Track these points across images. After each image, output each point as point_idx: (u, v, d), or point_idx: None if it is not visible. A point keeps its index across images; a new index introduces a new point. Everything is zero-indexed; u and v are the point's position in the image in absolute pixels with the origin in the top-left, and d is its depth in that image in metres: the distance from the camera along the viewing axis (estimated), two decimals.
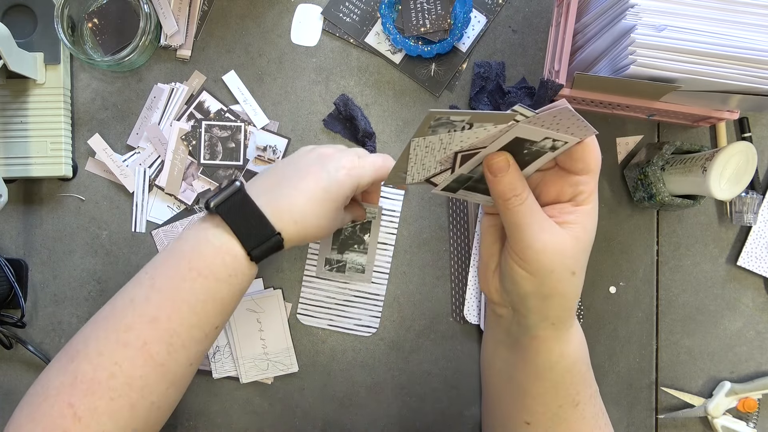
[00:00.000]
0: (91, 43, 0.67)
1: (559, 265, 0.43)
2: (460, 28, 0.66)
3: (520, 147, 0.45)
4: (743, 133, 0.68)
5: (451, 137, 0.43)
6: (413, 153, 0.45)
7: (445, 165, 0.47)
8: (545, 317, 0.46)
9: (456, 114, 0.40)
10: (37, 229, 0.68)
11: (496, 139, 0.44)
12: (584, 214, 0.45)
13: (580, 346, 0.49)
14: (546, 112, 0.41)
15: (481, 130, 0.42)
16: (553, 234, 0.43)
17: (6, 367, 0.68)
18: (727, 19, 0.51)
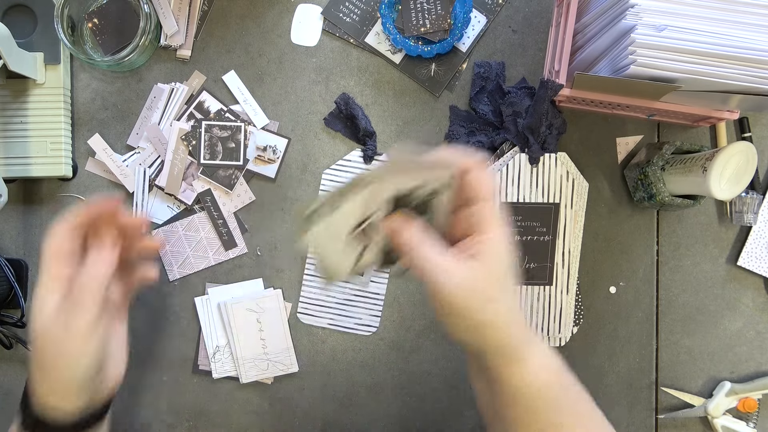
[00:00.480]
0: (91, 43, 0.67)
1: (472, 300, 0.43)
2: (460, 28, 0.66)
3: (407, 200, 0.46)
4: (743, 133, 0.68)
5: (336, 220, 0.45)
6: (317, 250, 0.46)
7: (359, 245, 0.47)
8: (485, 349, 0.45)
9: (317, 202, 0.44)
10: (37, 229, 0.68)
11: (376, 202, 0.45)
12: (488, 242, 0.44)
13: (544, 371, 0.46)
14: (381, 164, 0.41)
15: (351, 203, 0.45)
16: (455, 274, 0.43)
17: (6, 367, 0.68)
18: (727, 19, 0.51)
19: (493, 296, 0.43)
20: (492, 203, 0.45)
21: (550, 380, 0.46)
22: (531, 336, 0.46)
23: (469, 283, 0.43)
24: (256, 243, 0.68)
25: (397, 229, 0.45)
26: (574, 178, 0.64)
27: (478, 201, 0.45)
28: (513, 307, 0.44)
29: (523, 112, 0.64)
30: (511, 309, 0.44)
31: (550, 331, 0.65)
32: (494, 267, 0.44)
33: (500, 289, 0.43)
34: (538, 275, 0.65)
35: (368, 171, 0.45)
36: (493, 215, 0.45)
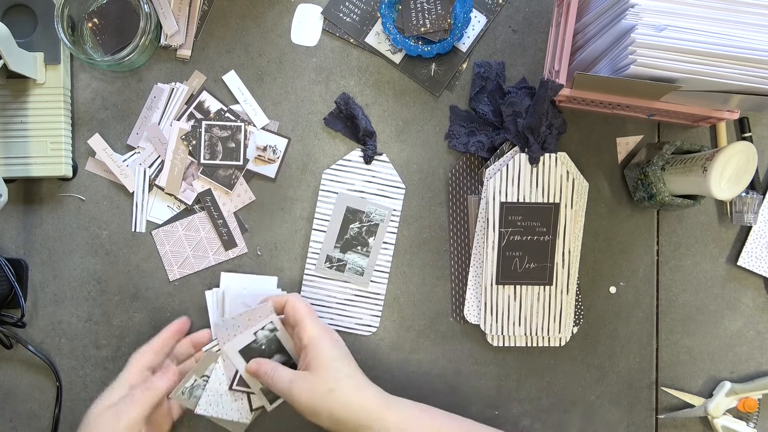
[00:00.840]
0: (91, 43, 0.67)
1: (316, 396, 0.55)
2: (460, 28, 0.66)
3: (256, 348, 0.62)
4: (743, 133, 0.68)
5: (212, 387, 0.62)
6: (214, 416, 0.62)
7: (242, 394, 0.63)
8: (350, 428, 0.55)
9: (190, 379, 0.61)
10: (37, 229, 0.68)
11: (233, 362, 0.62)
12: (311, 350, 0.57)
13: (403, 424, 0.55)
14: (212, 343, 0.63)
15: (214, 372, 0.62)
16: (300, 384, 0.56)
17: (6, 367, 0.68)
18: (727, 19, 0.51)
19: (332, 387, 0.55)
20: (307, 320, 0.59)
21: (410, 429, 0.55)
22: (386, 399, 0.56)
23: (310, 385, 0.55)
24: (256, 243, 0.68)
25: (253, 372, 0.60)
26: (574, 178, 0.64)
27: (297, 322, 0.59)
28: (357, 385, 0.56)
29: (523, 112, 0.64)
30: (356, 387, 0.56)
31: (550, 331, 0.66)
32: (323, 366, 0.56)
33: (335, 379, 0.55)
34: (538, 275, 0.65)
35: (214, 344, 0.63)
36: (310, 329, 0.58)
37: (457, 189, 0.68)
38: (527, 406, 0.68)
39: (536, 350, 0.68)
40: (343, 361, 0.58)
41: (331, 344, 0.58)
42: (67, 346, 0.68)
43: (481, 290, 0.66)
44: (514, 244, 0.65)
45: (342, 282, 0.67)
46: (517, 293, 0.65)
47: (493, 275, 0.65)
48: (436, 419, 0.57)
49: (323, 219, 0.67)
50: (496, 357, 0.68)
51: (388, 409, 0.55)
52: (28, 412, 0.68)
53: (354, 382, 0.57)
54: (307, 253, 0.68)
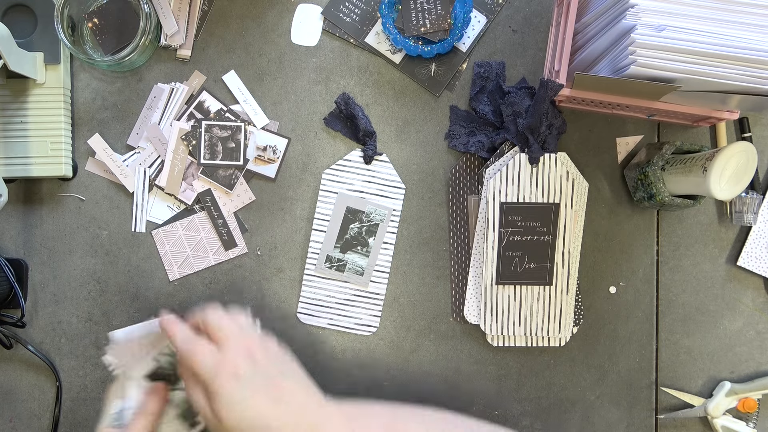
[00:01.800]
0: (91, 43, 0.67)
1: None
2: (460, 28, 0.66)
3: (162, 374, 0.57)
4: (743, 133, 0.68)
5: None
6: None
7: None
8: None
9: (113, 407, 0.55)
10: (37, 229, 0.68)
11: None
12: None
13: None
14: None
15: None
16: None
17: (6, 367, 0.68)
18: (727, 19, 0.51)
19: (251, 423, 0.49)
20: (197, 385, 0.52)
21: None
22: (321, 406, 0.51)
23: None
24: (256, 243, 0.68)
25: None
26: (574, 178, 0.64)
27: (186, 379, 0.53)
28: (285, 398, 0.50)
29: (523, 112, 0.64)
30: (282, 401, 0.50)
31: (550, 331, 0.66)
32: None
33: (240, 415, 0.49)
34: (538, 275, 0.65)
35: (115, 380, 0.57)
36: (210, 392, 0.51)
37: (457, 189, 0.68)
38: (527, 406, 0.68)
39: (536, 350, 0.68)
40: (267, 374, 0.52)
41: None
42: (67, 346, 0.68)
43: (481, 290, 0.66)
44: (514, 244, 0.65)
45: (342, 282, 0.67)
46: (517, 293, 0.65)
47: (493, 275, 0.65)
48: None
49: (323, 219, 0.67)
50: (496, 357, 0.68)
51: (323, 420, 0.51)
52: (28, 412, 0.68)
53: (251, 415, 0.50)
54: (307, 253, 0.68)
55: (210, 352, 0.51)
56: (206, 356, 0.51)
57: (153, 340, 0.57)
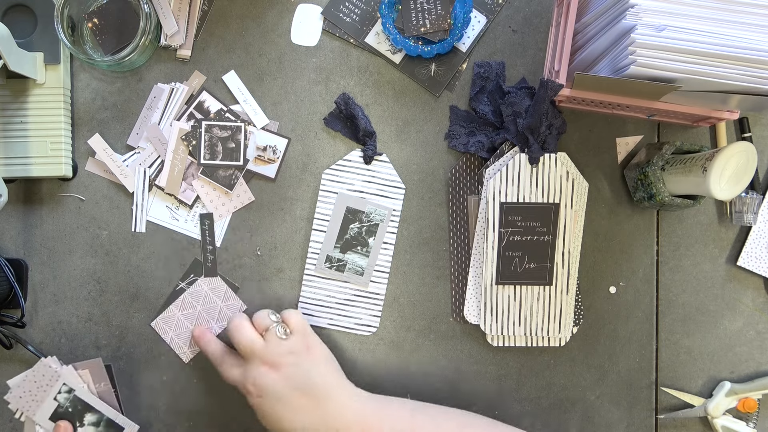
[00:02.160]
0: (91, 43, 0.67)
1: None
2: (460, 28, 0.66)
3: (64, 413, 0.63)
4: (743, 133, 0.68)
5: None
6: None
7: None
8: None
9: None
10: (37, 229, 0.68)
11: None
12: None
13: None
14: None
15: None
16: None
17: (6, 367, 0.68)
18: (727, 19, 0.51)
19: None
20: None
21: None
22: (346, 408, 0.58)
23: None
24: (256, 243, 0.68)
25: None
26: (574, 178, 0.64)
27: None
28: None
29: (523, 112, 0.64)
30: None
31: (550, 331, 0.66)
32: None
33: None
34: (538, 275, 0.65)
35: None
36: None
37: (457, 189, 0.68)
38: (527, 406, 0.68)
39: (536, 350, 0.68)
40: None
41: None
42: (67, 346, 0.68)
43: (481, 290, 0.66)
44: (514, 244, 0.65)
45: (342, 282, 0.67)
46: (517, 293, 0.65)
47: (493, 275, 0.65)
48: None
49: (323, 219, 0.67)
50: (496, 357, 0.68)
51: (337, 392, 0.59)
52: None
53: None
54: (306, 253, 0.68)
55: (237, 370, 0.60)
56: (234, 375, 0.60)
57: (48, 382, 0.62)
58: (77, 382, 0.64)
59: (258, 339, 0.60)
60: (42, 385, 0.62)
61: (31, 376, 0.63)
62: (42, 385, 0.62)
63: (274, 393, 0.57)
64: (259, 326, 0.61)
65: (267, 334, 0.60)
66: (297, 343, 0.60)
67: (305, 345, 0.60)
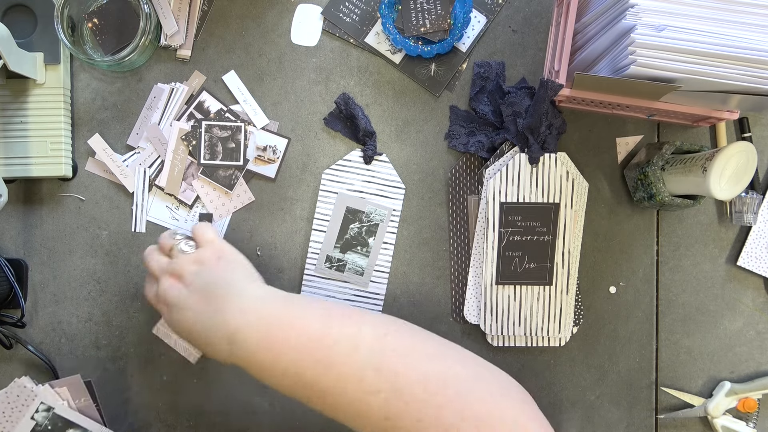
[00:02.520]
0: (91, 43, 0.67)
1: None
2: (460, 28, 0.66)
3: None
4: (743, 133, 0.68)
5: None
6: None
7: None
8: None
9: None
10: (37, 229, 0.68)
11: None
12: None
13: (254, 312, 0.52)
14: None
15: None
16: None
17: (6, 367, 0.68)
18: (727, 19, 0.51)
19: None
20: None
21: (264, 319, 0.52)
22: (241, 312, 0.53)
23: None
24: (256, 243, 0.68)
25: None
26: (574, 178, 0.64)
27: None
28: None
29: (523, 112, 0.64)
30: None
31: (550, 331, 0.66)
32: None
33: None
34: (538, 275, 0.65)
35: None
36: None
37: (457, 189, 0.68)
38: None
39: (536, 350, 0.68)
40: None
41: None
42: (67, 346, 0.68)
43: (480, 290, 0.66)
44: (514, 244, 0.65)
45: (342, 282, 0.67)
46: (516, 293, 0.65)
47: (493, 275, 0.65)
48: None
49: (323, 219, 0.67)
50: (496, 357, 0.68)
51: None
52: None
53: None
54: (306, 253, 0.68)
55: (150, 289, 0.58)
56: (149, 294, 0.59)
57: (23, 402, 0.61)
58: (55, 399, 0.63)
59: (164, 258, 0.58)
60: (17, 405, 0.62)
61: (3, 396, 0.62)
62: (17, 405, 0.62)
63: (178, 301, 0.54)
64: (164, 247, 0.59)
65: (172, 252, 0.58)
66: (204, 253, 0.57)
67: (214, 254, 0.56)
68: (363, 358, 0.48)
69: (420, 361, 0.49)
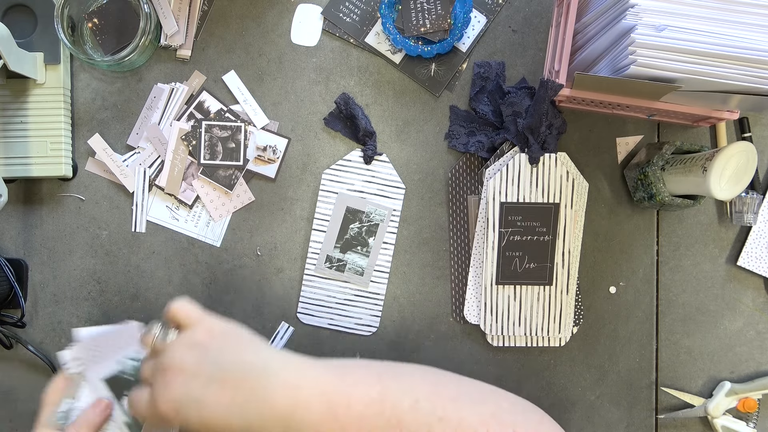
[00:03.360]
0: (91, 43, 0.67)
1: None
2: (460, 28, 0.66)
3: (124, 380, 0.55)
4: (743, 133, 0.68)
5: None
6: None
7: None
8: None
9: (61, 405, 0.53)
10: (37, 229, 0.68)
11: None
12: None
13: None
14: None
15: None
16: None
17: (6, 367, 0.68)
18: (727, 19, 0.51)
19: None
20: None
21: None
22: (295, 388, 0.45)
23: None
24: (256, 243, 0.68)
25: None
26: (574, 178, 0.64)
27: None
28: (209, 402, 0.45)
29: (523, 112, 0.64)
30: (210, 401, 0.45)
31: (550, 331, 0.66)
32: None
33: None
34: (538, 275, 0.65)
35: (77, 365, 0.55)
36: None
37: (457, 189, 0.68)
38: None
39: (536, 350, 0.68)
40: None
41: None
42: (67, 346, 0.68)
43: (481, 290, 0.66)
44: (514, 244, 0.65)
45: (342, 282, 0.67)
46: (517, 293, 0.65)
47: (493, 275, 0.65)
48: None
49: (323, 219, 0.67)
50: (496, 357, 0.68)
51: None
52: (28, 412, 0.68)
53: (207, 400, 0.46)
54: (307, 253, 0.68)
55: (143, 397, 0.48)
56: (141, 406, 0.48)
57: (122, 343, 0.55)
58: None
59: (148, 357, 0.50)
60: (118, 347, 0.55)
61: (107, 331, 0.55)
62: (118, 347, 0.55)
63: (191, 398, 0.44)
64: (147, 344, 0.51)
65: (155, 348, 0.49)
66: (195, 335, 0.48)
67: (205, 333, 0.48)
68: (426, 410, 0.46)
69: (474, 405, 0.48)
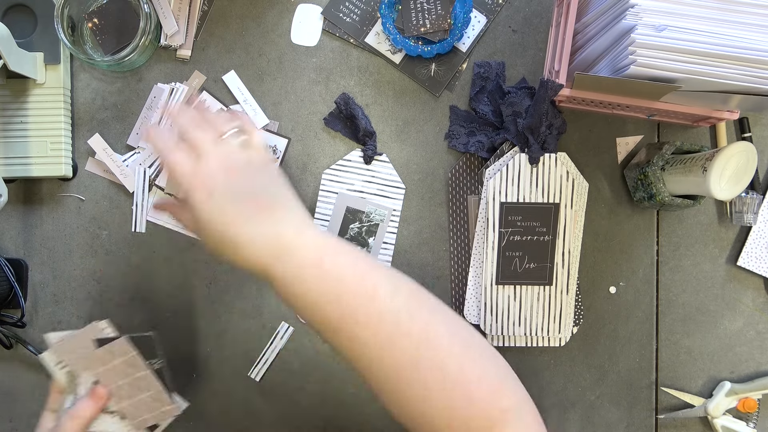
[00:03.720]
0: (91, 43, 0.67)
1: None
2: (460, 28, 0.66)
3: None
4: (743, 133, 0.68)
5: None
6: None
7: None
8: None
9: (66, 401, 0.58)
10: (37, 229, 0.68)
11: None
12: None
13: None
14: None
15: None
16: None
17: (6, 367, 0.68)
18: (727, 19, 0.51)
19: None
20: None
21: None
22: (298, 233, 0.48)
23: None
24: None
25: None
26: (574, 178, 0.64)
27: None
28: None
29: (523, 112, 0.64)
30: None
31: (550, 331, 0.66)
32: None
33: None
34: (538, 275, 0.65)
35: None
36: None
37: (457, 189, 0.68)
38: None
39: (536, 350, 0.68)
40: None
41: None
42: None
43: (480, 290, 0.66)
44: (514, 244, 0.65)
45: None
46: (517, 293, 0.65)
47: (493, 275, 0.65)
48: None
49: (323, 219, 0.67)
50: None
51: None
52: (28, 412, 0.68)
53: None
54: None
55: (187, 162, 0.49)
56: (184, 167, 0.49)
57: (88, 343, 0.58)
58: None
59: (213, 136, 0.51)
60: (85, 346, 0.58)
61: (76, 334, 0.59)
62: (85, 346, 0.58)
63: (224, 192, 0.47)
64: (210, 124, 0.52)
65: (224, 135, 0.51)
66: (256, 156, 0.51)
67: (262, 162, 0.51)
68: (401, 302, 0.47)
69: (446, 318, 0.49)
